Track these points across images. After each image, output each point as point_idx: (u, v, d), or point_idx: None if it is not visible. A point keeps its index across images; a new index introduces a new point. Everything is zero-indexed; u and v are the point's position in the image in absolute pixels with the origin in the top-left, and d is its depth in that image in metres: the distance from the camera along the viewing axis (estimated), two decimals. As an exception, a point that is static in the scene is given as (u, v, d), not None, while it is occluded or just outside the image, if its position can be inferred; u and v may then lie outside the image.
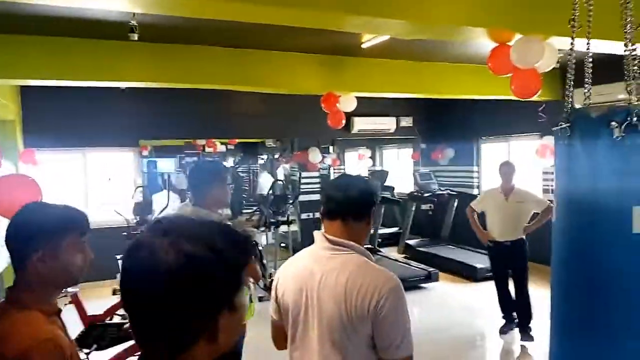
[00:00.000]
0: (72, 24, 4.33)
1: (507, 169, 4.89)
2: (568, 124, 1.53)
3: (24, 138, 6.83)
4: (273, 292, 1.72)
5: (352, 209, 1.60)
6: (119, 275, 3.51)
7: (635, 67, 1.52)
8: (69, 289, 5.18)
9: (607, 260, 1.48)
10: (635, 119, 1.41)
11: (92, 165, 7.63)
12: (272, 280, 5.56)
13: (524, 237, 4.75)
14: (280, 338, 1.73)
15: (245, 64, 5.40)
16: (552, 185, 7.18)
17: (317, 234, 1.64)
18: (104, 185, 6.40)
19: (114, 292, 5.58)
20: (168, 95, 7.03)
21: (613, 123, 1.42)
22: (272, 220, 6.96)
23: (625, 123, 1.41)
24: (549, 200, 4.51)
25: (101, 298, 5.33)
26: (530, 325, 4.72)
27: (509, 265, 4.83)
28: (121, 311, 4.56)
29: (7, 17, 4.12)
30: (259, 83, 5.59)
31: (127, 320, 3.93)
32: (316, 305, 1.53)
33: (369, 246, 8.38)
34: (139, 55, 4.98)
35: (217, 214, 2.58)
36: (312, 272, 1.56)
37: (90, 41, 4.84)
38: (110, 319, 4.27)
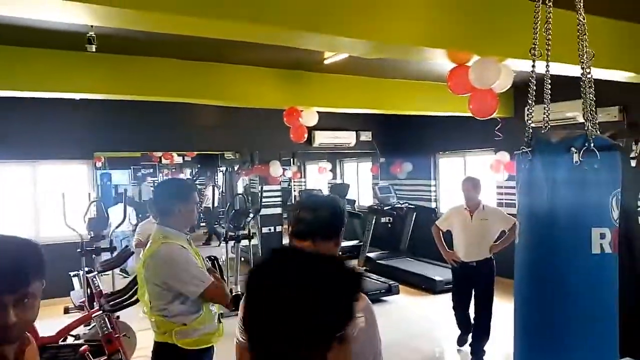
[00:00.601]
0: (26, 32, 4.17)
1: (468, 184, 4.62)
2: (529, 149, 1.59)
3: (-31, 149, 6.49)
4: (241, 313, 1.68)
5: (322, 230, 1.62)
6: (72, 293, 3.38)
7: (591, 95, 1.60)
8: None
9: (567, 278, 1.54)
10: (592, 144, 1.49)
11: (42, 178, 7.32)
12: (234, 295, 5.45)
13: (491, 256, 4.54)
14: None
15: (205, 77, 5.34)
16: (505, 199, 7.42)
17: None
18: (55, 199, 6.13)
19: (66, 311, 5.34)
20: (124, 106, 6.83)
21: (572, 149, 1.49)
22: (232, 234, 6.86)
23: (584, 148, 1.49)
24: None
25: (53, 317, 5.09)
26: (484, 348, 4.58)
27: (472, 286, 4.61)
28: (75, 331, 4.37)
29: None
30: (219, 96, 5.54)
31: (80, 341, 3.77)
32: None
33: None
34: (95, 66, 4.83)
35: (184, 234, 2.52)
36: None
37: (44, 51, 4.67)
38: (64, 341, 4.07)
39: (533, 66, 1.71)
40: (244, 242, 7.14)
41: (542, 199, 1.56)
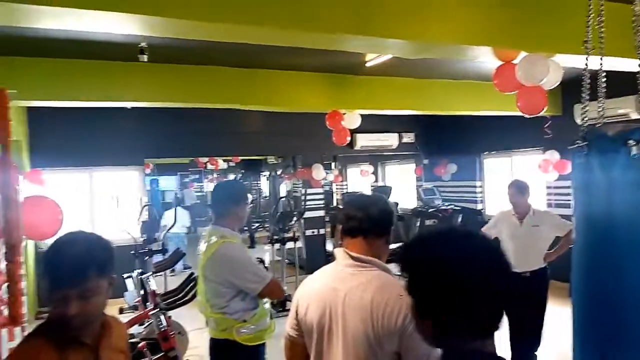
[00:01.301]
0: (80, 45, 4.40)
1: (512, 189, 4.21)
2: (585, 143, 1.56)
3: (31, 158, 6.87)
4: (293, 310, 1.73)
5: (374, 226, 1.62)
6: (126, 294, 3.56)
7: None
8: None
9: (627, 275, 1.50)
10: (651, 137, 1.45)
11: (98, 184, 7.66)
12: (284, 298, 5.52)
13: (545, 265, 4.13)
14: (295, 354, 1.74)
15: (252, 84, 5.47)
16: (555, 200, 7.18)
17: (338, 251, 1.66)
18: (109, 204, 6.43)
19: (121, 311, 5.57)
20: (172, 114, 7.10)
21: (630, 141, 1.45)
22: (277, 237, 6.97)
23: (642, 141, 1.45)
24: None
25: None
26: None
27: (525, 302, 3.93)
28: (130, 331, 4.54)
29: (15, 40, 4.19)
30: (265, 102, 5.66)
31: (139, 339, 3.92)
32: (340, 323, 1.54)
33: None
34: (147, 75, 5.05)
35: (238, 234, 2.62)
36: (335, 289, 1.57)
37: (98, 62, 4.91)
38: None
39: (587, 60, 1.68)
40: (289, 245, 7.25)
41: (599, 194, 1.53)
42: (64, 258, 1.30)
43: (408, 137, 9.52)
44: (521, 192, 4.17)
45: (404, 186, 11.29)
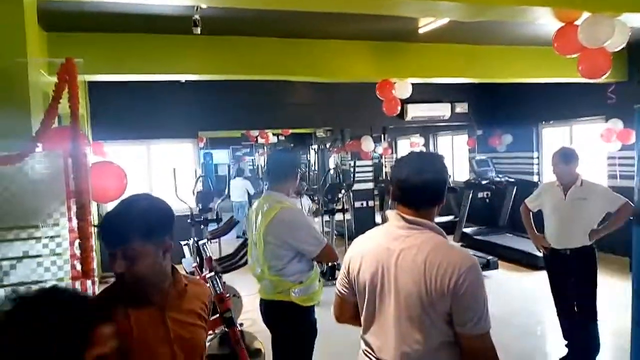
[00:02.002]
0: (136, 20, 4.55)
1: (556, 158, 3.69)
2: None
3: (92, 131, 7.23)
4: (344, 268, 1.76)
5: (427, 196, 1.61)
6: (183, 261, 3.74)
7: None
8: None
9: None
10: None
11: (155, 156, 7.99)
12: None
13: (591, 244, 3.69)
14: (345, 311, 1.78)
15: (300, 54, 5.48)
16: (619, 171, 6.84)
17: (391, 213, 1.66)
18: (166, 175, 6.70)
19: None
20: (224, 87, 7.24)
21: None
22: (327, 208, 7.05)
23: None
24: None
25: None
26: None
27: (570, 279, 3.78)
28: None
29: (74, 16, 4.38)
30: (313, 72, 5.66)
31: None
32: (393, 283, 1.56)
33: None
34: (199, 48, 5.16)
35: (294, 200, 2.71)
36: (388, 249, 1.59)
37: (153, 36, 5.06)
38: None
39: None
40: (338, 217, 7.31)
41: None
42: (113, 219, 1.37)
43: (461, 107, 9.27)
44: (566, 161, 3.65)
45: (456, 158, 11.06)
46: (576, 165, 3.65)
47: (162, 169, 7.63)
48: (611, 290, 5.31)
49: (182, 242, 6.60)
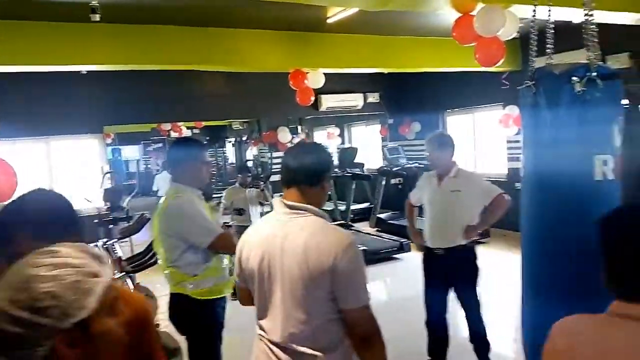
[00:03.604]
0: (30, 5, 4.18)
1: (431, 144, 3.30)
2: (533, 82, 1.61)
3: (-20, 129, 6.60)
4: (237, 258, 1.80)
5: (306, 176, 1.68)
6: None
7: (594, 34, 1.61)
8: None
9: (572, 207, 1.58)
10: (594, 74, 1.51)
11: (56, 154, 7.44)
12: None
13: (468, 244, 3.24)
14: (245, 298, 1.83)
15: (208, 43, 5.33)
16: (516, 154, 7.35)
17: (275, 201, 1.74)
18: (69, 173, 6.27)
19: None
20: (131, 78, 6.88)
21: (574, 78, 1.51)
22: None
23: (585, 78, 1.51)
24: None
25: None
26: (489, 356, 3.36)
27: (447, 283, 3.29)
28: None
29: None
30: (223, 61, 5.53)
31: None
32: (278, 267, 1.61)
33: (342, 222, 8.50)
34: (100, 36, 4.85)
35: (196, 190, 2.60)
36: (273, 235, 1.64)
37: (49, 24, 4.68)
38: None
39: (534, 8, 1.71)
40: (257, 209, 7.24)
41: (546, 130, 1.59)
42: None
43: (373, 97, 9.54)
44: (440, 146, 3.26)
45: (370, 147, 11.38)
46: (452, 152, 3.28)
47: (65, 168, 7.13)
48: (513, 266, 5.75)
49: (91, 244, 6.23)
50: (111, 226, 5.49)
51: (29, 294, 0.79)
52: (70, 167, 6.42)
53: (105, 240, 5.18)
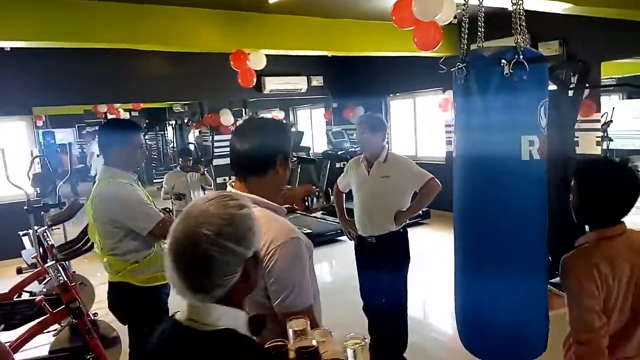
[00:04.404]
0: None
1: (365, 125, 3.21)
2: (464, 64, 1.65)
3: None
4: None
5: (250, 164, 1.50)
6: (23, 253, 3.33)
7: (522, 19, 1.67)
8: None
9: (500, 186, 1.65)
10: (521, 57, 1.56)
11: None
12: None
13: (400, 229, 3.21)
14: None
15: (147, 20, 5.08)
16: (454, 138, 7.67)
17: (228, 188, 1.59)
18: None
19: (19, 271, 5.21)
20: (63, 56, 6.49)
21: (503, 61, 1.55)
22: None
23: (514, 61, 1.56)
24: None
25: (5, 279, 4.96)
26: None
27: (380, 268, 3.18)
28: (29, 287, 4.30)
29: None
30: (160, 40, 5.30)
31: (37, 296, 3.73)
32: None
33: (288, 206, 8.48)
34: (25, 10, 4.50)
35: (130, 174, 2.49)
36: None
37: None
38: (18, 297, 4.01)
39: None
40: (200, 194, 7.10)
41: (476, 112, 1.64)
42: None
43: (317, 81, 9.51)
44: (372, 128, 3.15)
45: (315, 130, 11.40)
46: (383, 136, 3.20)
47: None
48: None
49: (21, 232, 5.89)
50: (42, 213, 5.20)
51: (234, 229, 1.00)
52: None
53: (36, 227, 4.92)
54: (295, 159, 9.46)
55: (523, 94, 1.58)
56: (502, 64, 1.56)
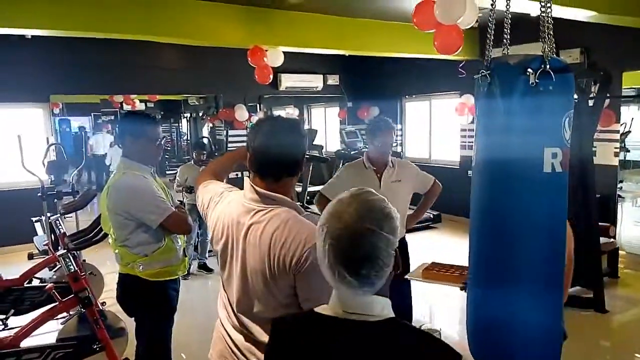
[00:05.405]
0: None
1: (385, 128, 3.11)
2: (488, 72, 1.61)
3: None
4: (211, 229, 1.69)
5: (287, 166, 1.52)
6: (35, 239, 3.37)
7: (550, 27, 1.62)
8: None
9: (520, 197, 1.61)
10: (548, 66, 1.52)
11: (-4, 122, 7.00)
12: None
13: (403, 236, 3.18)
14: None
15: (166, 13, 5.10)
16: (469, 142, 7.57)
17: (247, 182, 1.56)
18: (10, 143, 5.89)
19: (30, 257, 5.27)
20: (82, 46, 6.55)
21: (529, 70, 1.51)
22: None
23: (540, 70, 1.52)
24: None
25: (17, 264, 5.02)
26: None
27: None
28: (40, 274, 4.34)
29: None
30: (179, 34, 5.31)
31: (47, 283, 3.76)
32: (240, 257, 1.51)
33: (298, 203, 8.47)
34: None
35: (147, 167, 2.49)
36: (239, 223, 1.52)
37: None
38: (29, 283, 4.04)
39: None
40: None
41: (499, 120, 1.60)
42: None
43: (333, 79, 9.48)
44: (388, 131, 3.08)
45: (329, 129, 11.36)
46: (390, 139, 3.13)
47: (5, 137, 6.72)
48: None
49: (34, 219, 5.95)
50: (56, 200, 5.24)
51: (390, 223, 1.07)
52: (12, 136, 6.01)
53: (49, 215, 4.96)
54: (307, 156, 9.41)
55: (548, 104, 1.54)
56: (527, 73, 1.52)
